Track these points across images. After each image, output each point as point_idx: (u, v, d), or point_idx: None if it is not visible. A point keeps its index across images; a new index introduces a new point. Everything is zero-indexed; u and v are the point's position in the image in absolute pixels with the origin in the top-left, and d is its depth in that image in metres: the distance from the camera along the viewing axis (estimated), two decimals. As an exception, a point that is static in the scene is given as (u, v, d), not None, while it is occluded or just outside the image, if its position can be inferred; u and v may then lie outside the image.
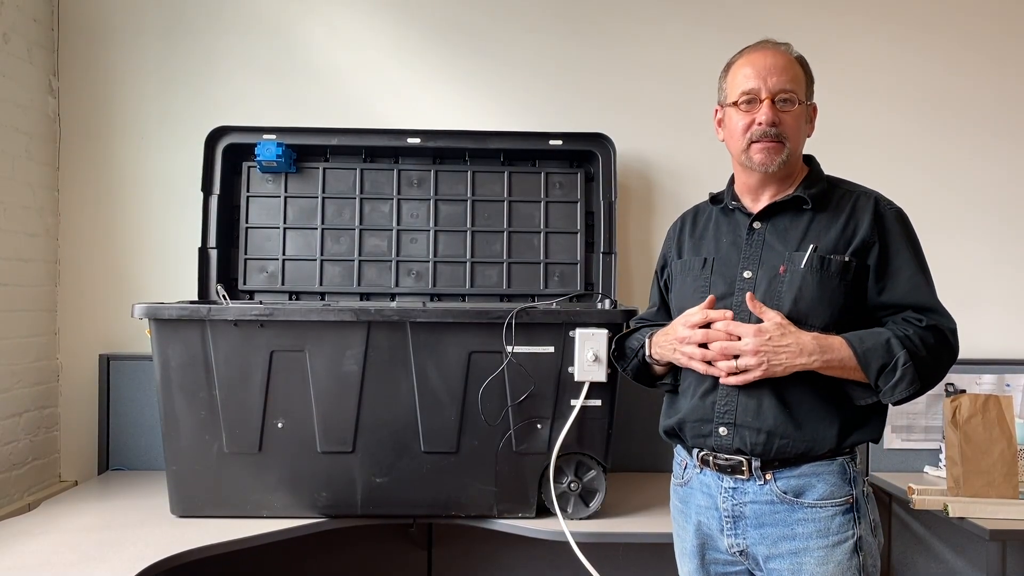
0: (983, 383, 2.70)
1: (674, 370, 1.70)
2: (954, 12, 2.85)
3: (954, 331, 1.52)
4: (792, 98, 1.56)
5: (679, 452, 1.71)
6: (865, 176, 1.70)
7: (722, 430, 1.56)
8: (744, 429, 1.54)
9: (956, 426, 2.27)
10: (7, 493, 2.45)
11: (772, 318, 1.50)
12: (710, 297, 1.58)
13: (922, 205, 1.62)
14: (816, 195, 1.59)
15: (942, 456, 2.58)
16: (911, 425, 2.69)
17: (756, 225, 1.62)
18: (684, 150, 2.82)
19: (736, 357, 1.51)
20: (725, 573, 1.63)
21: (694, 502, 1.64)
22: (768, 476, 1.53)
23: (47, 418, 2.68)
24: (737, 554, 1.58)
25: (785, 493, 1.53)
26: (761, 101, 1.56)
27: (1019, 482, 2.25)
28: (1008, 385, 2.70)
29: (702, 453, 1.61)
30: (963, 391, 2.35)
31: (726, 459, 1.56)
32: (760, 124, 1.56)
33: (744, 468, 1.54)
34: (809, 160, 1.68)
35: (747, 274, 1.59)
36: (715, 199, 1.74)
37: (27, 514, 2.27)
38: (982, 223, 2.83)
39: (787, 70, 1.57)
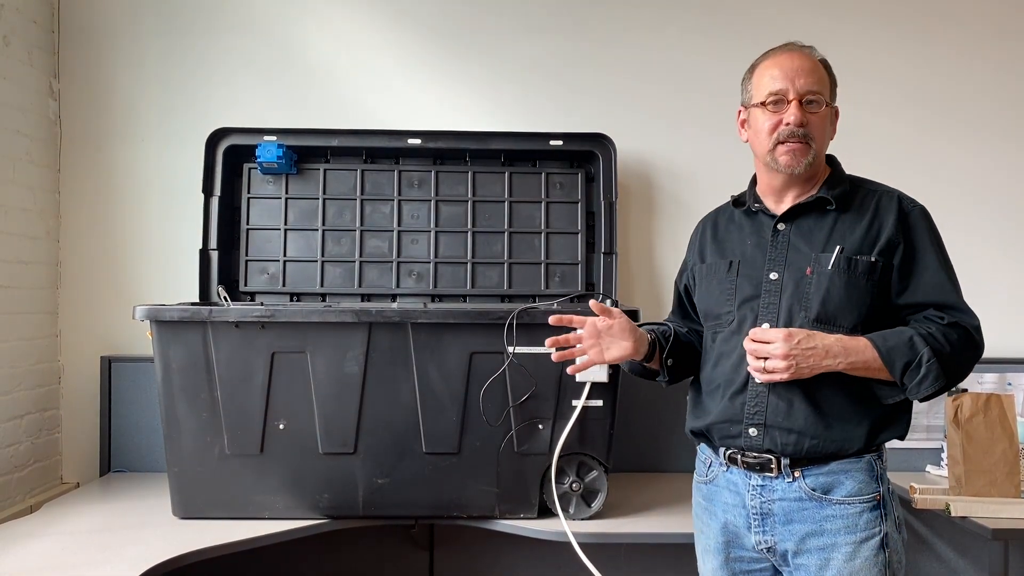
0: (985, 382, 2.70)
1: (673, 368, 1.74)
2: (955, 12, 2.85)
3: (977, 328, 1.54)
4: (819, 99, 1.58)
5: (703, 450, 1.72)
6: (869, 176, 1.70)
7: (752, 431, 1.57)
8: (775, 430, 1.55)
9: (958, 425, 2.27)
10: (9, 495, 2.45)
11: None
12: (597, 305, 1.65)
13: (924, 204, 1.62)
14: (839, 196, 1.60)
15: (944, 455, 2.58)
16: (913, 424, 2.64)
17: (780, 227, 1.63)
18: (684, 150, 2.82)
19: (765, 359, 1.51)
20: (749, 571, 1.64)
21: (720, 500, 1.65)
22: (797, 473, 1.55)
23: (48, 420, 2.68)
24: (764, 551, 1.59)
25: (814, 490, 1.54)
26: (789, 102, 1.57)
27: (1021, 481, 2.25)
28: (1010, 384, 2.70)
29: (730, 452, 1.62)
30: (965, 390, 2.35)
31: (755, 457, 1.57)
32: (788, 124, 1.56)
33: (773, 466, 1.56)
34: (831, 161, 1.69)
35: (773, 276, 1.60)
36: (737, 201, 1.74)
37: (29, 516, 2.27)
38: (984, 222, 2.83)
39: (814, 72, 1.59)
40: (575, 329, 1.68)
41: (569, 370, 1.75)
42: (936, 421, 2.69)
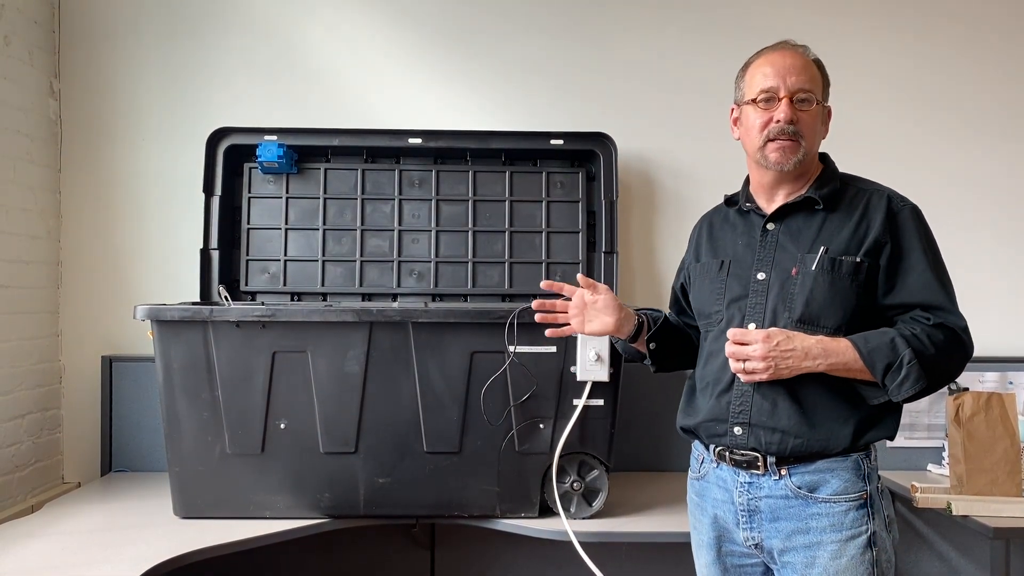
0: (986, 381, 2.70)
1: (655, 352, 1.77)
2: (955, 11, 2.85)
3: (964, 328, 1.52)
4: (810, 98, 1.58)
5: (696, 447, 1.73)
6: (869, 176, 1.70)
7: (737, 430, 1.58)
8: (759, 429, 1.56)
9: (959, 424, 2.27)
10: (10, 495, 2.45)
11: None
12: (584, 279, 1.75)
13: (925, 203, 1.62)
14: (828, 195, 1.60)
15: (945, 454, 2.58)
16: (914, 423, 2.68)
17: (770, 226, 1.63)
18: (685, 149, 2.82)
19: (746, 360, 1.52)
20: (741, 565, 1.65)
21: (710, 496, 1.66)
22: (783, 471, 1.55)
23: (50, 420, 2.68)
24: (753, 547, 1.60)
25: (800, 488, 1.54)
26: (780, 99, 1.57)
27: (1022, 480, 2.24)
28: (1011, 383, 2.70)
29: (719, 448, 1.63)
30: (966, 389, 2.35)
31: (742, 454, 1.58)
32: (778, 122, 1.57)
33: (759, 463, 1.56)
34: (824, 158, 1.69)
35: (761, 276, 1.60)
36: (729, 201, 1.76)
37: (30, 516, 2.27)
38: (985, 221, 2.83)
39: (805, 70, 1.59)
40: (565, 298, 1.78)
41: (547, 332, 1.81)
42: (937, 420, 2.68)
